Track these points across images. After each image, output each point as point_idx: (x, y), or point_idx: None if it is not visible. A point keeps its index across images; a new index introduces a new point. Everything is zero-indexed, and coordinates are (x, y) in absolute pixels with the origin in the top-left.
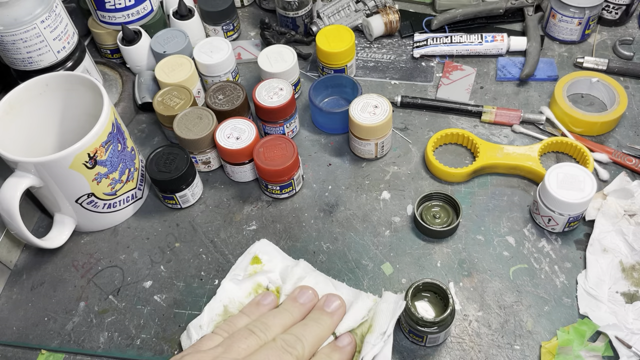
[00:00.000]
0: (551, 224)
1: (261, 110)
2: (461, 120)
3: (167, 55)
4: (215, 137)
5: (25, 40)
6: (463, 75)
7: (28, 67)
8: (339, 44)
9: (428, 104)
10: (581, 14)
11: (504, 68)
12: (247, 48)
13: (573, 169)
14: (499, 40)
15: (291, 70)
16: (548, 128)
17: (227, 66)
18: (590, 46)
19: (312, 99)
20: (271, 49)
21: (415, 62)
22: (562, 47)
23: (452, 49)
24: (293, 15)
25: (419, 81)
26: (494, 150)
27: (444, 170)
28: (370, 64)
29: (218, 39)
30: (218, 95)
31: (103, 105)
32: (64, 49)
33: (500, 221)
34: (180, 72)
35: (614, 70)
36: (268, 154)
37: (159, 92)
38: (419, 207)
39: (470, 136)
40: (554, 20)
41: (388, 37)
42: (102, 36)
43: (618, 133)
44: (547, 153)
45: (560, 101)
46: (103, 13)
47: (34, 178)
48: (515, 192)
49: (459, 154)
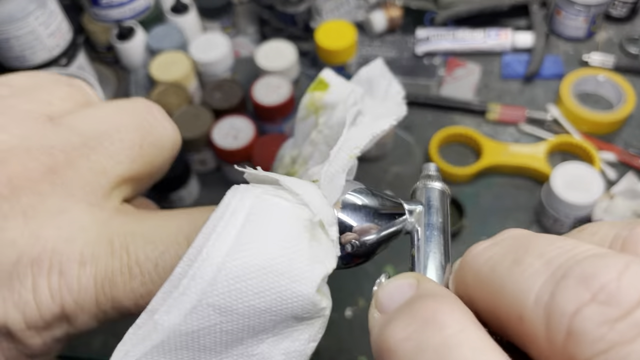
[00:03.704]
0: (557, 226)
1: (259, 108)
2: (465, 119)
3: (163, 52)
4: (211, 136)
5: (19, 37)
6: (467, 73)
7: (22, 64)
8: (340, 40)
9: (431, 102)
10: (587, 10)
11: (509, 65)
12: (245, 44)
13: (580, 168)
14: (504, 37)
15: (291, 68)
16: (554, 127)
17: (225, 63)
18: (597, 43)
19: None
20: (270, 46)
21: (418, 59)
22: (567, 44)
23: (456, 45)
24: (292, 11)
25: (422, 79)
26: (498, 149)
27: (448, 170)
28: (372, 61)
29: (215, 35)
30: (215, 93)
31: None
32: (58, 46)
33: (506, 222)
34: (176, 69)
35: (621, 68)
36: (266, 153)
37: (155, 90)
38: None
39: (475, 135)
40: (559, 17)
41: (390, 33)
42: (97, 33)
43: (625, 132)
44: (553, 152)
45: (566, 99)
46: (98, 9)
47: None
48: (520, 192)
49: (462, 154)
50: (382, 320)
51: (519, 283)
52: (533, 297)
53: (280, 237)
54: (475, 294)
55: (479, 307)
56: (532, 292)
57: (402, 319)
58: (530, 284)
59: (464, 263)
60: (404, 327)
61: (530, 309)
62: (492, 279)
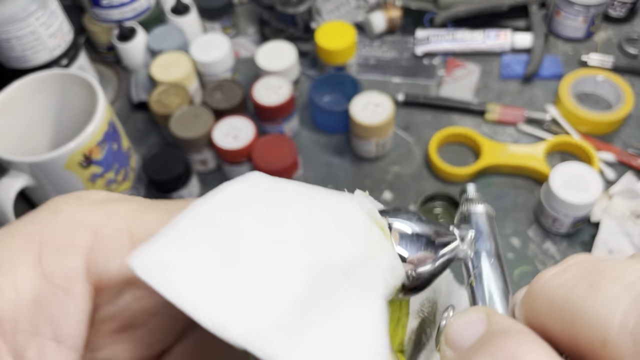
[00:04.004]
0: (556, 225)
1: (260, 108)
2: (464, 119)
3: (164, 53)
4: (212, 136)
5: (20, 37)
6: (466, 73)
7: (22, 65)
8: (340, 41)
9: (430, 103)
10: (586, 11)
11: (508, 66)
12: (246, 45)
13: (578, 168)
14: (503, 38)
15: (291, 68)
16: (553, 127)
17: (225, 63)
18: (596, 44)
19: (313, 98)
20: (270, 46)
21: (418, 59)
22: (566, 44)
23: (455, 46)
24: (292, 11)
25: (422, 79)
26: (498, 149)
27: (447, 171)
28: (372, 61)
29: (216, 35)
30: (215, 93)
31: (98, 104)
32: (60, 46)
33: (505, 222)
34: (177, 69)
35: (620, 68)
36: (267, 153)
37: (155, 91)
38: (421, 208)
39: (474, 135)
40: (559, 17)
41: (390, 33)
42: (97, 33)
43: (624, 132)
44: (552, 152)
45: (565, 100)
46: (99, 10)
47: (28, 178)
48: (519, 192)
49: (462, 154)
50: (456, 358)
51: (600, 308)
52: (618, 322)
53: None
54: (550, 322)
55: (554, 336)
56: (615, 316)
57: (481, 358)
58: (613, 309)
59: (534, 291)
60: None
61: (616, 333)
62: (568, 306)
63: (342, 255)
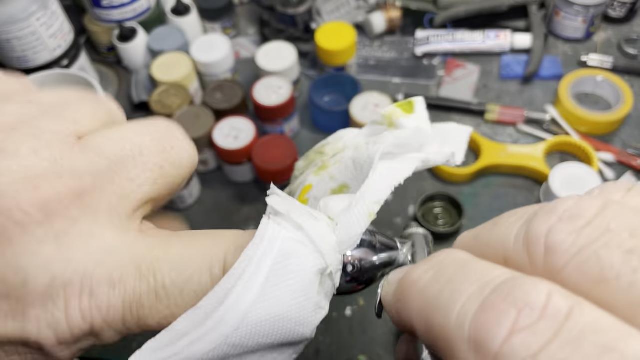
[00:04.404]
0: None
1: (260, 109)
2: (464, 119)
3: (164, 53)
4: (212, 136)
5: (21, 38)
6: (466, 74)
7: (23, 65)
8: (340, 41)
9: (430, 103)
10: (586, 11)
11: (508, 66)
12: (246, 45)
13: (578, 168)
14: (503, 38)
15: (291, 68)
16: (552, 127)
17: (225, 64)
18: (595, 44)
19: (313, 98)
20: (270, 47)
21: (418, 60)
22: (566, 45)
23: (455, 46)
24: (292, 12)
25: (421, 79)
26: (497, 149)
27: (447, 171)
28: (372, 62)
29: (216, 36)
30: (216, 93)
31: None
32: (60, 47)
33: None
34: (177, 70)
35: (619, 69)
36: (267, 153)
37: (156, 91)
38: (421, 208)
39: (474, 135)
40: (558, 18)
41: (390, 34)
42: (98, 34)
43: (623, 132)
44: (552, 153)
45: (564, 100)
46: (99, 10)
47: None
48: (519, 192)
49: None
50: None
51: (500, 234)
52: (513, 237)
53: (296, 288)
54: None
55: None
56: (511, 235)
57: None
58: (510, 231)
59: (457, 244)
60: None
61: (512, 247)
62: (478, 241)
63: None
